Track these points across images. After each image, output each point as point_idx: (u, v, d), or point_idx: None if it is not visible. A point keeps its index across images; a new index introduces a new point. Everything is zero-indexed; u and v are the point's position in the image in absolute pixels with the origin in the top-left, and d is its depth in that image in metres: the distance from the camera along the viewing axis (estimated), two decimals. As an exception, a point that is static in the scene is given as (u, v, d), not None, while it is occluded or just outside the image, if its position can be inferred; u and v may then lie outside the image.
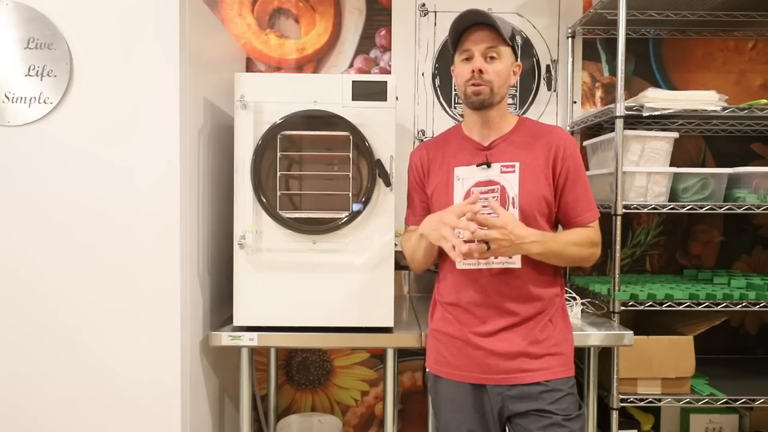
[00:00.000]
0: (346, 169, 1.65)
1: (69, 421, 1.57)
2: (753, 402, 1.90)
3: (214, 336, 1.68)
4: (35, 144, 1.54)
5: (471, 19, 1.41)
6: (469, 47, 1.42)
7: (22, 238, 1.55)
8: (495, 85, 1.41)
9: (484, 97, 1.41)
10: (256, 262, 1.67)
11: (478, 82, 1.40)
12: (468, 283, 1.45)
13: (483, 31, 1.40)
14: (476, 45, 1.40)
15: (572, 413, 1.40)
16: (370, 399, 2.40)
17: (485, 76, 1.40)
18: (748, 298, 1.89)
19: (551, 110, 2.35)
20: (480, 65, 1.40)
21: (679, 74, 2.35)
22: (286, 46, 2.34)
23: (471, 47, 1.41)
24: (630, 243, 2.37)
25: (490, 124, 1.47)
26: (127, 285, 1.56)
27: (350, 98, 1.65)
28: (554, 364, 1.42)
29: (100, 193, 1.55)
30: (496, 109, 1.45)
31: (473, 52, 1.41)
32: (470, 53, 1.42)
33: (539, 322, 1.43)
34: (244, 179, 1.66)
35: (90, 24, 1.53)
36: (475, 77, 1.40)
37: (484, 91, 1.40)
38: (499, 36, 1.39)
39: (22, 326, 1.56)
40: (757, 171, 1.97)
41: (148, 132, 1.54)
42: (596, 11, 2.09)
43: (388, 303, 1.69)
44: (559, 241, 1.40)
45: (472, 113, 1.48)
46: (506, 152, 1.45)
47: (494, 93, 1.41)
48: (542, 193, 1.42)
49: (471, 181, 1.45)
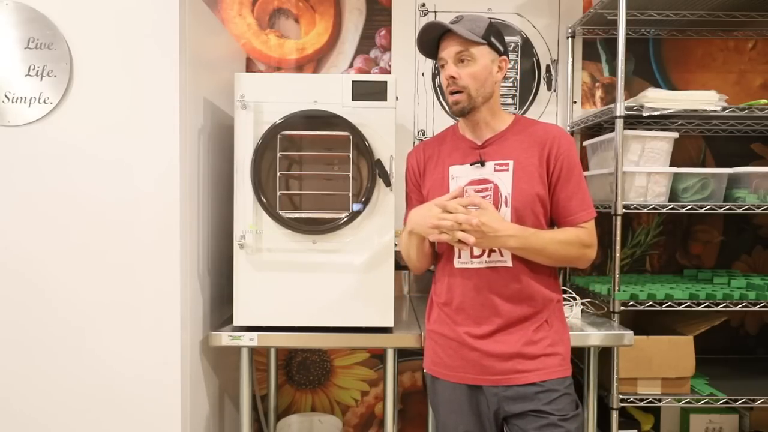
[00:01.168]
0: (346, 169, 1.65)
1: (69, 420, 1.57)
2: (753, 402, 1.90)
3: (214, 336, 1.68)
4: (35, 144, 1.54)
5: (433, 32, 1.43)
6: (442, 56, 1.43)
7: (22, 238, 1.55)
8: (471, 88, 1.41)
9: (463, 104, 1.42)
10: (256, 262, 1.67)
11: (454, 89, 1.42)
12: (462, 284, 1.45)
13: (451, 37, 1.41)
14: (446, 53, 1.42)
15: (568, 413, 1.40)
16: (370, 399, 2.40)
17: (459, 81, 1.40)
18: (748, 298, 1.89)
19: (551, 110, 2.35)
20: (451, 72, 1.41)
21: (679, 74, 2.35)
22: (286, 46, 2.34)
23: (443, 55, 1.43)
24: (630, 243, 2.37)
25: (481, 124, 1.47)
26: (127, 285, 1.56)
27: (350, 98, 1.65)
28: (549, 364, 1.42)
29: (100, 193, 1.55)
30: (485, 109, 1.45)
31: (446, 59, 1.43)
32: (443, 61, 1.44)
33: (534, 323, 1.43)
34: (244, 179, 1.66)
35: (90, 24, 1.53)
36: (450, 84, 1.42)
37: (461, 99, 1.42)
38: (466, 39, 1.39)
39: (22, 326, 1.56)
40: (757, 171, 1.97)
41: (148, 132, 1.54)
42: (596, 11, 2.09)
43: (388, 303, 1.69)
44: (542, 238, 1.39)
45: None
46: (500, 151, 1.45)
47: (472, 97, 1.41)
48: (536, 191, 1.41)
49: (465, 180, 1.45)
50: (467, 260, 1.44)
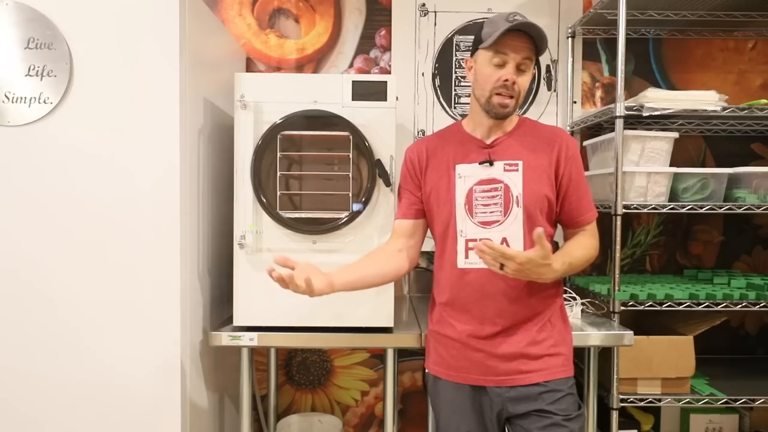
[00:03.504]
0: (346, 169, 1.65)
1: (69, 420, 1.57)
2: (753, 402, 1.90)
3: (214, 336, 1.68)
4: (35, 144, 1.54)
5: (521, 26, 1.34)
6: (507, 53, 1.36)
7: (23, 238, 1.55)
8: (520, 97, 1.41)
9: (510, 110, 1.41)
10: (256, 262, 1.67)
11: (509, 94, 1.38)
12: (466, 284, 1.44)
13: (524, 40, 1.35)
14: (515, 53, 1.36)
15: (572, 413, 1.40)
16: (370, 399, 2.40)
17: (516, 87, 1.38)
18: (748, 298, 1.89)
19: (551, 110, 2.35)
20: (513, 76, 1.36)
21: (679, 74, 2.35)
22: (286, 46, 2.34)
23: (508, 53, 1.36)
24: (630, 243, 2.37)
25: (497, 126, 1.47)
26: (127, 285, 1.56)
27: (350, 98, 1.65)
28: (553, 364, 1.42)
29: (100, 193, 1.55)
30: None
31: (509, 59, 1.36)
32: (505, 59, 1.36)
33: (537, 323, 1.43)
34: (244, 179, 1.66)
35: (90, 24, 1.53)
36: (507, 87, 1.37)
37: (510, 104, 1.39)
38: (535, 49, 1.37)
39: (22, 326, 1.56)
40: (757, 171, 1.97)
41: (148, 132, 1.54)
42: (596, 11, 2.09)
43: (388, 303, 1.69)
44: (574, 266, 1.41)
45: (484, 116, 1.44)
46: (509, 151, 1.45)
47: (517, 104, 1.41)
48: (545, 192, 1.42)
49: (473, 179, 1.44)
50: (474, 260, 1.41)
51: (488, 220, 1.42)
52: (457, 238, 1.44)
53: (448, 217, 1.45)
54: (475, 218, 1.43)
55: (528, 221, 1.40)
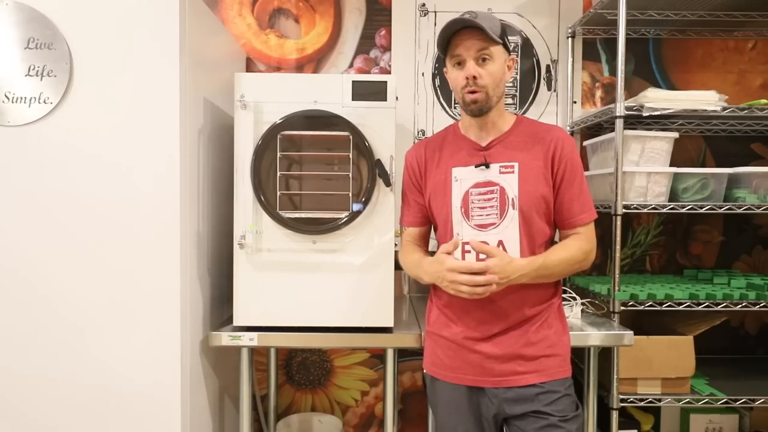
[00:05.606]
0: (346, 169, 1.65)
1: (69, 420, 1.57)
2: (753, 402, 1.90)
3: (214, 336, 1.68)
4: (35, 144, 1.54)
5: (459, 25, 1.37)
6: (460, 53, 1.39)
7: (23, 238, 1.55)
8: (490, 88, 1.39)
9: (482, 104, 1.40)
10: (256, 262, 1.67)
11: (474, 89, 1.38)
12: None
13: (472, 34, 1.37)
14: (467, 50, 1.38)
15: (569, 414, 1.40)
16: (370, 399, 2.40)
17: (480, 81, 1.38)
18: (748, 298, 1.89)
19: (551, 110, 2.35)
20: (473, 71, 1.37)
21: (679, 74, 2.35)
22: (286, 46, 2.34)
23: (462, 53, 1.38)
24: (630, 243, 2.37)
25: (489, 125, 1.46)
26: (127, 285, 1.56)
27: (350, 98, 1.65)
28: (549, 365, 1.42)
29: (100, 193, 1.55)
30: (494, 110, 1.44)
31: (464, 57, 1.39)
32: (461, 58, 1.39)
33: (534, 324, 1.43)
34: (244, 179, 1.66)
35: (90, 24, 1.53)
36: (470, 84, 1.38)
37: (480, 99, 1.39)
38: (488, 37, 1.36)
39: (21, 326, 1.56)
40: (757, 171, 1.97)
41: (148, 132, 1.54)
42: (596, 11, 2.09)
43: (388, 303, 1.69)
44: (549, 266, 1.39)
45: (469, 117, 1.47)
46: (505, 153, 1.44)
47: (490, 96, 1.40)
48: (541, 193, 1.41)
49: (469, 182, 1.44)
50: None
51: (484, 223, 1.42)
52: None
53: (445, 220, 1.46)
54: (472, 221, 1.43)
55: (524, 223, 1.40)
